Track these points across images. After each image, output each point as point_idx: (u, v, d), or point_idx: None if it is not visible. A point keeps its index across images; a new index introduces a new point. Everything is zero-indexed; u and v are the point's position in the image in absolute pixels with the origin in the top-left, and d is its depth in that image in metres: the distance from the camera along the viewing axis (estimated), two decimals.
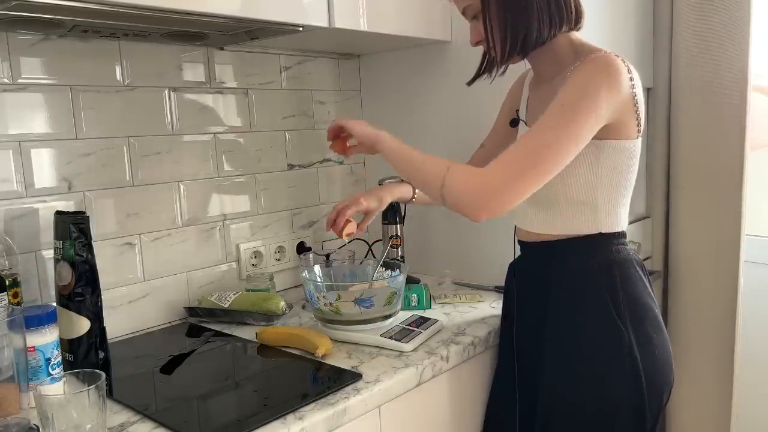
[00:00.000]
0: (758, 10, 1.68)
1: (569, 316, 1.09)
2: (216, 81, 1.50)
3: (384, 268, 1.36)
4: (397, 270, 1.33)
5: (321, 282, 1.32)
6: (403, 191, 1.37)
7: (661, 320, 1.10)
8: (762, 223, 1.98)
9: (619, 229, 1.10)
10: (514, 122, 1.21)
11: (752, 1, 1.64)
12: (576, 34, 1.09)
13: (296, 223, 1.71)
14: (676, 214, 1.85)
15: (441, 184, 1.00)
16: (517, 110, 1.22)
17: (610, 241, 1.09)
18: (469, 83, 1.17)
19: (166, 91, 1.41)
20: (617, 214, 1.09)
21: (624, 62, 1.00)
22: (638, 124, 1.04)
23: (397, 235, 1.59)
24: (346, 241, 1.35)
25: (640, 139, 1.07)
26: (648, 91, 1.88)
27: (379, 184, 1.52)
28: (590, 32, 1.59)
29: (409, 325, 1.25)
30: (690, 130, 1.78)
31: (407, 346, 1.16)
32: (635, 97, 1.01)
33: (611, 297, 1.06)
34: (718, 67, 1.71)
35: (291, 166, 1.68)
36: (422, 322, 1.27)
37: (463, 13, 1.11)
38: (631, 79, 1.00)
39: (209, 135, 1.50)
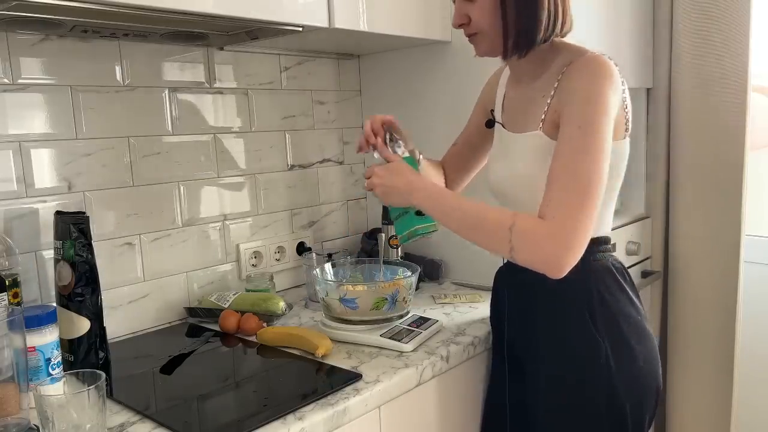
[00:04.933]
0: (758, 10, 1.68)
1: (552, 326, 1.08)
2: (216, 81, 1.50)
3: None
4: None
5: (339, 280, 1.30)
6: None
7: (646, 328, 1.09)
8: (762, 223, 1.98)
9: (602, 234, 1.09)
10: (490, 123, 1.19)
11: (752, 2, 1.64)
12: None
13: (296, 223, 1.71)
14: (676, 214, 1.85)
15: (509, 242, 0.95)
16: (492, 110, 1.20)
17: (591, 249, 1.02)
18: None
19: (166, 91, 1.41)
20: (601, 218, 1.07)
21: (610, 59, 1.01)
22: (626, 122, 1.05)
23: (396, 235, 1.59)
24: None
25: (628, 139, 1.07)
26: (648, 91, 1.88)
27: None
28: (590, 32, 1.59)
29: (409, 325, 1.25)
30: (690, 130, 1.78)
31: (407, 347, 1.17)
32: (624, 96, 1.03)
33: (588, 308, 1.05)
34: (718, 67, 1.72)
35: (291, 166, 1.68)
36: (422, 322, 1.27)
37: None
38: (621, 76, 1.01)
39: (209, 135, 1.50)
